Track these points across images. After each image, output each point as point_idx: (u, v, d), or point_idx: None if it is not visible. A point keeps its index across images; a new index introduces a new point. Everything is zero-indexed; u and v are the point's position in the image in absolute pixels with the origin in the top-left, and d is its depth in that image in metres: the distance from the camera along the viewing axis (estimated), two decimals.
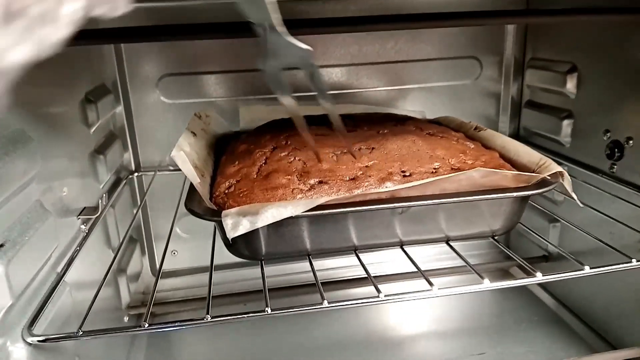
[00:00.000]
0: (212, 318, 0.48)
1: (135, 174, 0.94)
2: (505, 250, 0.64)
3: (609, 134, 0.77)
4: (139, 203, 0.96)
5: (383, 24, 0.57)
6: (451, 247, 0.63)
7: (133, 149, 0.94)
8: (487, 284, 0.52)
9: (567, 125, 0.87)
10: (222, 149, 0.79)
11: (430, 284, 0.53)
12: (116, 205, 0.84)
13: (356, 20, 0.58)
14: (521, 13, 0.86)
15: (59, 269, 0.59)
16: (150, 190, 0.89)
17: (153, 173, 0.92)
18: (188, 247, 1.03)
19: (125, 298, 0.86)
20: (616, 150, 0.75)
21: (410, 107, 0.99)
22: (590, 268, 0.54)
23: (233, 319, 0.49)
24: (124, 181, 0.89)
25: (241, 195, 0.58)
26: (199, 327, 0.49)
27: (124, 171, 0.92)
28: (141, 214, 0.99)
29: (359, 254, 0.63)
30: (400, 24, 0.59)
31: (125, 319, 0.87)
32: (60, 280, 0.56)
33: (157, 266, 1.02)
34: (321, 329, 0.93)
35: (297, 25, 0.65)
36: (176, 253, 1.03)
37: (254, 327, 0.93)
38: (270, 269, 0.63)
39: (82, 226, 0.68)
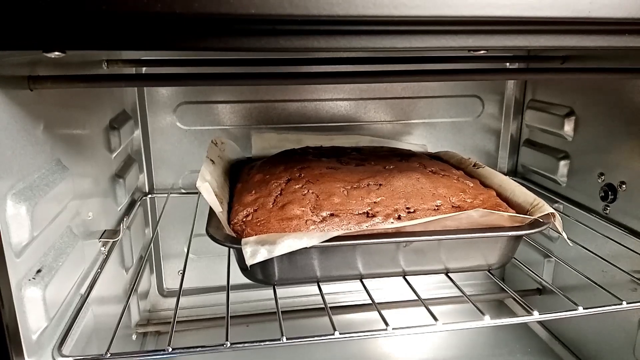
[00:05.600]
0: (231, 344, 0.51)
1: (149, 196, 0.98)
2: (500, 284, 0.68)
3: (603, 177, 0.82)
4: (151, 224, 1.00)
5: (390, 77, 0.62)
6: (452, 280, 0.67)
7: (148, 172, 0.98)
8: (488, 321, 0.56)
9: (563, 165, 0.91)
10: (236, 175, 0.83)
11: (435, 318, 0.57)
12: (131, 226, 0.87)
13: (363, 74, 0.63)
14: (522, 71, 0.93)
15: (82, 290, 0.62)
16: (160, 211, 0.93)
17: (166, 195, 0.96)
18: (194, 267, 1.06)
19: (134, 316, 0.89)
20: (610, 193, 0.80)
21: (414, 141, 1.04)
22: (584, 308, 0.58)
23: (250, 346, 0.52)
24: (138, 203, 0.93)
25: (258, 224, 0.62)
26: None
27: (138, 193, 0.96)
28: (151, 234, 1.02)
29: (364, 282, 0.67)
30: (409, 77, 0.64)
31: (134, 336, 0.90)
32: (85, 301, 0.59)
33: (165, 285, 1.05)
34: (320, 350, 0.96)
35: (309, 76, 0.70)
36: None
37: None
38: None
39: (102, 248, 0.71)
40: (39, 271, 0.48)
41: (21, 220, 0.45)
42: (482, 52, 0.46)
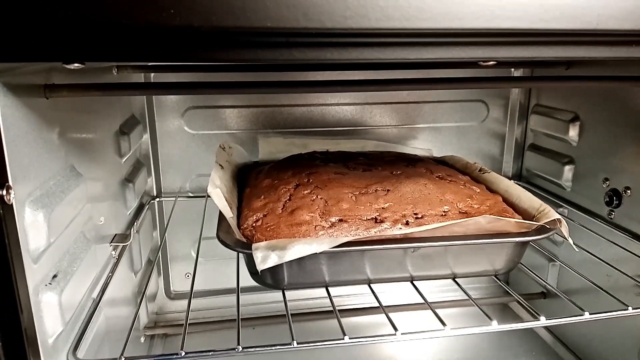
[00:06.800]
0: (243, 348, 0.52)
1: (157, 199, 0.99)
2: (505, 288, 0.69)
3: (608, 182, 0.82)
4: (158, 227, 1.01)
5: (398, 85, 0.63)
6: (458, 284, 0.68)
7: (156, 176, 0.99)
8: (496, 326, 0.56)
9: (568, 170, 0.92)
10: (243, 179, 0.84)
11: (443, 323, 0.57)
12: (140, 230, 0.88)
13: (372, 82, 0.64)
14: (527, 79, 0.94)
15: (94, 293, 0.63)
16: (168, 214, 0.94)
17: (174, 199, 0.97)
18: (201, 270, 1.05)
19: (143, 319, 0.90)
20: (615, 198, 0.80)
21: (419, 145, 1.05)
22: (590, 314, 0.58)
23: (262, 350, 0.53)
24: (147, 206, 0.94)
25: (268, 229, 0.63)
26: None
27: (146, 197, 0.97)
28: (159, 237, 1.03)
29: (372, 287, 0.68)
30: (417, 85, 0.65)
31: (142, 339, 0.91)
32: (97, 305, 0.60)
33: (172, 288, 1.06)
34: (326, 352, 0.97)
35: (319, 85, 0.71)
36: (189, 275, 1.07)
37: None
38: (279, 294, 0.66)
39: (113, 252, 0.72)
40: (54, 276, 0.49)
41: (39, 226, 0.46)
42: (491, 62, 0.47)
